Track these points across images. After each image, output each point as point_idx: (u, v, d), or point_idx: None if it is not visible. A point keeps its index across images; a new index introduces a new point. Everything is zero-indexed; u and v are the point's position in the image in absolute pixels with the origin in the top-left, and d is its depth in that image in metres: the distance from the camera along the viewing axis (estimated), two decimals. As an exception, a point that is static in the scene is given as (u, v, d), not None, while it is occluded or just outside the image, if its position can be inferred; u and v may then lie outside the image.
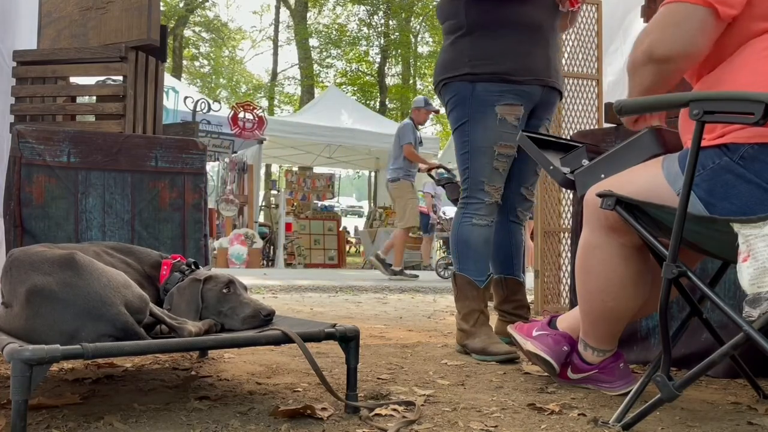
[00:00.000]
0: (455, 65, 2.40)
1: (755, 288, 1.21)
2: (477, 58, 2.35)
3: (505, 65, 2.34)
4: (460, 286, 2.46)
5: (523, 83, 2.36)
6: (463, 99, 2.39)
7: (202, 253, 2.31)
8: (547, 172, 1.84)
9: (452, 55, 2.42)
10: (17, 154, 2.11)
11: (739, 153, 1.36)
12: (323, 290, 5.81)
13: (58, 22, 2.57)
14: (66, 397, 1.54)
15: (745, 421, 1.50)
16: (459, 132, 2.44)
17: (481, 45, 2.36)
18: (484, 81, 2.35)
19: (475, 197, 2.42)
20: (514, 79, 2.34)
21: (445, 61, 2.45)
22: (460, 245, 2.44)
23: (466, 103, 2.39)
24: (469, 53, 2.36)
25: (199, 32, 25.19)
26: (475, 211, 2.41)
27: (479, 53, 2.35)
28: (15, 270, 1.41)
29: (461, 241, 2.43)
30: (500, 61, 2.33)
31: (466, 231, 2.42)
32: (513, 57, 2.34)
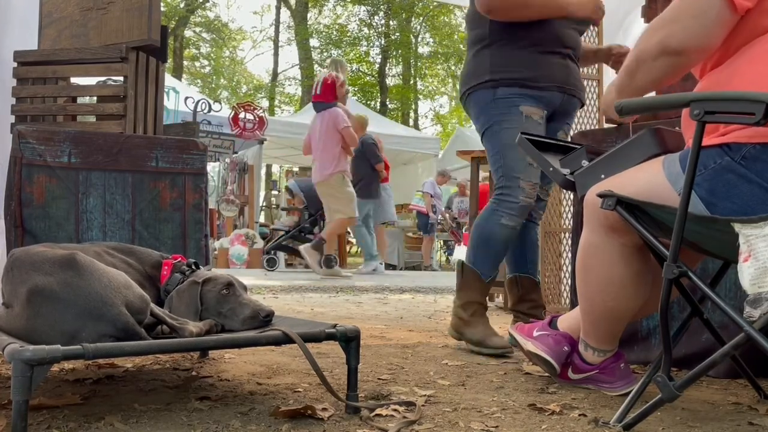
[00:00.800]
0: (477, 75, 2.47)
1: (756, 288, 1.21)
2: (497, 66, 2.42)
3: (524, 73, 2.41)
4: (465, 276, 2.49)
5: (542, 89, 2.42)
6: (487, 104, 2.44)
7: (203, 253, 2.31)
8: (547, 174, 1.84)
9: (474, 66, 2.50)
10: (18, 155, 2.11)
11: (741, 153, 1.35)
12: (324, 290, 5.81)
13: (59, 22, 2.58)
14: (67, 398, 1.54)
15: (746, 421, 1.49)
16: (487, 136, 2.48)
17: (502, 54, 2.43)
18: (504, 86, 2.41)
19: (510, 194, 2.41)
20: (533, 85, 2.41)
21: (468, 73, 2.53)
22: (482, 239, 2.45)
23: (490, 107, 2.44)
24: (490, 62, 2.44)
25: (200, 33, 25.21)
26: (508, 211, 2.42)
27: (499, 62, 2.42)
28: (16, 270, 1.41)
29: (484, 236, 2.45)
30: (519, 70, 2.41)
31: (493, 228, 2.42)
32: (532, 66, 2.41)
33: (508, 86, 2.40)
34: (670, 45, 1.41)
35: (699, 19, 1.37)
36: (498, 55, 2.43)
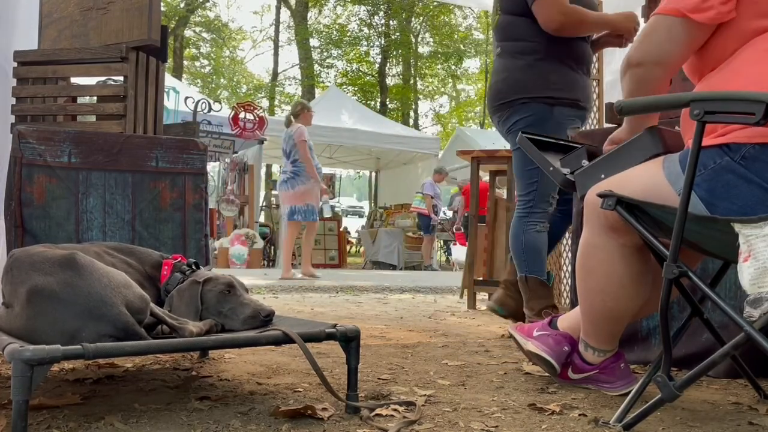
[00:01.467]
0: (535, 87, 2.59)
1: (756, 288, 1.21)
2: (558, 84, 2.57)
3: (577, 94, 2.60)
4: (532, 287, 2.69)
5: (585, 109, 2.64)
6: (541, 120, 2.58)
7: (203, 253, 2.31)
8: (547, 174, 1.84)
9: (530, 77, 2.60)
10: (18, 155, 2.11)
11: (741, 153, 1.36)
12: (324, 290, 5.81)
13: (59, 22, 2.57)
14: (67, 398, 1.54)
15: (746, 421, 1.49)
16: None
17: (561, 72, 2.58)
18: (562, 105, 2.58)
19: (540, 208, 2.66)
20: (582, 105, 2.61)
21: (522, 81, 2.62)
22: (531, 251, 2.68)
23: (544, 125, 2.57)
24: (551, 78, 2.57)
25: (200, 32, 25.22)
26: (539, 220, 2.66)
27: (559, 80, 2.57)
28: (16, 270, 1.41)
29: (532, 247, 2.68)
30: (575, 90, 2.58)
31: (535, 237, 2.67)
32: (581, 87, 2.60)
33: (565, 106, 2.58)
34: (631, 59, 1.53)
35: (652, 35, 1.49)
36: (557, 72, 2.57)
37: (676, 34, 1.46)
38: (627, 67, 1.54)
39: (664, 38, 1.47)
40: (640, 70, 1.51)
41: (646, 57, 1.50)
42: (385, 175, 14.91)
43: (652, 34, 1.49)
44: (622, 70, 1.56)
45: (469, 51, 24.52)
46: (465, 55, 24.38)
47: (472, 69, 26.51)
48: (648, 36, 1.49)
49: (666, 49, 1.48)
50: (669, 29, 1.46)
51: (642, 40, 1.51)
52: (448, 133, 23.21)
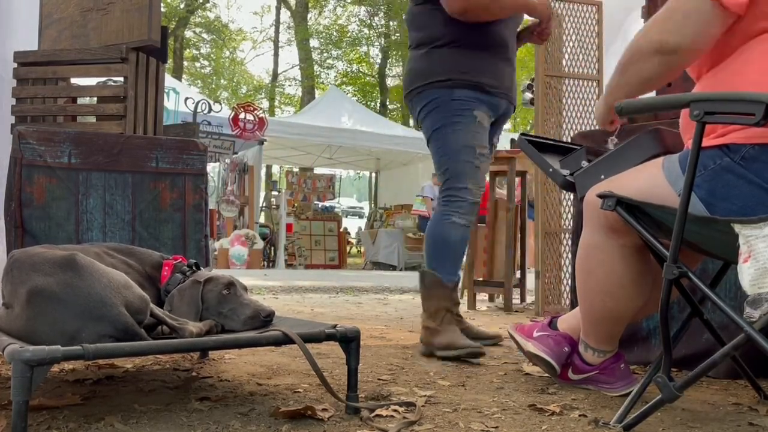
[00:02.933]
0: (432, 73, 2.42)
1: (756, 289, 1.21)
2: (456, 68, 2.40)
3: (482, 78, 2.41)
4: (428, 284, 2.46)
5: (494, 95, 2.44)
6: (442, 103, 2.40)
7: (203, 253, 2.31)
8: (547, 175, 1.84)
9: (427, 64, 2.44)
10: (18, 155, 2.11)
11: (740, 153, 1.36)
12: (324, 291, 5.81)
13: (59, 23, 2.58)
14: (67, 398, 1.54)
15: (746, 422, 1.49)
16: (437, 135, 2.44)
17: (459, 58, 2.41)
18: (462, 87, 2.39)
19: (457, 195, 2.40)
20: (489, 90, 2.42)
21: (420, 70, 2.47)
22: (437, 243, 2.42)
23: (444, 107, 2.40)
24: (449, 63, 2.41)
25: (200, 33, 25.21)
26: (457, 209, 2.39)
27: (458, 65, 2.40)
28: (16, 271, 1.41)
29: (438, 239, 2.41)
30: (477, 74, 2.40)
31: (447, 229, 2.39)
32: (488, 71, 2.42)
33: (466, 88, 2.39)
34: (668, 43, 1.43)
35: (691, 18, 1.39)
36: (457, 55, 2.40)
37: (715, 19, 1.38)
38: (654, 54, 1.44)
39: (699, 22, 1.39)
40: (674, 57, 1.43)
41: (683, 43, 1.41)
42: (385, 175, 14.91)
43: (689, 17, 1.39)
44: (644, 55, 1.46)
45: (469, 51, 24.49)
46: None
47: (472, 69, 26.49)
48: (686, 18, 1.40)
49: (706, 35, 1.40)
50: (705, 12, 1.38)
51: (676, 24, 1.41)
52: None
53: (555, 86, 4.03)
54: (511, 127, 23.50)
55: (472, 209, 2.41)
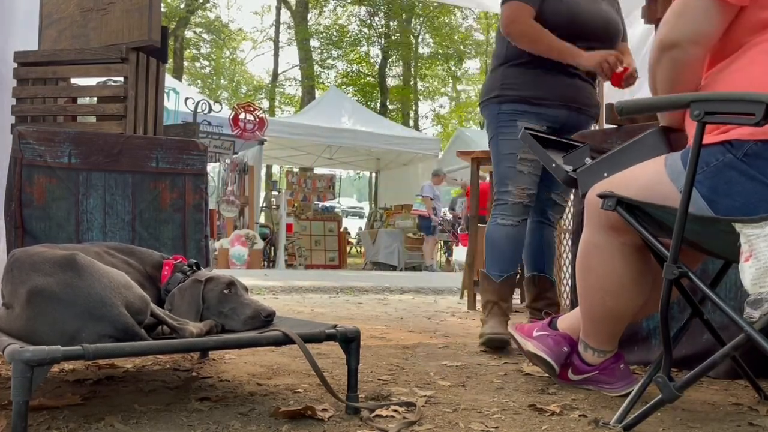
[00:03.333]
0: (490, 90, 2.66)
1: (757, 288, 1.21)
2: (506, 84, 2.60)
3: (528, 92, 2.57)
4: (481, 280, 2.68)
5: (544, 106, 2.57)
6: (493, 117, 2.63)
7: (203, 254, 2.31)
8: (549, 170, 1.84)
9: (489, 82, 2.70)
10: (18, 155, 2.11)
11: (743, 150, 1.35)
12: (324, 291, 5.81)
13: (59, 23, 2.57)
14: (67, 398, 1.54)
15: (746, 422, 1.49)
16: (490, 145, 2.69)
17: (511, 74, 2.61)
18: (509, 102, 2.59)
19: (501, 199, 2.61)
20: (535, 102, 2.57)
21: (483, 87, 2.75)
22: (487, 243, 2.66)
23: (495, 120, 2.62)
24: (501, 80, 2.63)
25: (200, 33, 25.21)
26: (501, 212, 2.60)
27: (509, 80, 2.61)
28: (16, 270, 1.41)
29: (487, 240, 2.65)
30: (524, 88, 2.57)
31: (492, 230, 2.61)
32: (536, 85, 2.57)
33: (512, 102, 2.57)
34: (666, 40, 1.47)
35: (686, 14, 1.44)
36: (509, 73, 2.61)
37: (707, 11, 1.42)
38: (661, 51, 1.48)
39: (695, 16, 1.43)
40: (677, 51, 1.46)
41: (682, 37, 1.44)
42: (385, 175, 14.91)
43: (684, 14, 1.44)
44: (655, 57, 1.50)
45: (470, 52, 24.52)
46: (465, 56, 24.38)
47: (473, 70, 26.52)
48: (681, 16, 1.45)
49: (700, 26, 1.43)
50: (699, 6, 1.42)
51: (674, 21, 1.46)
52: (449, 133, 23.20)
53: (555, 86, 4.02)
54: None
55: (516, 210, 2.58)
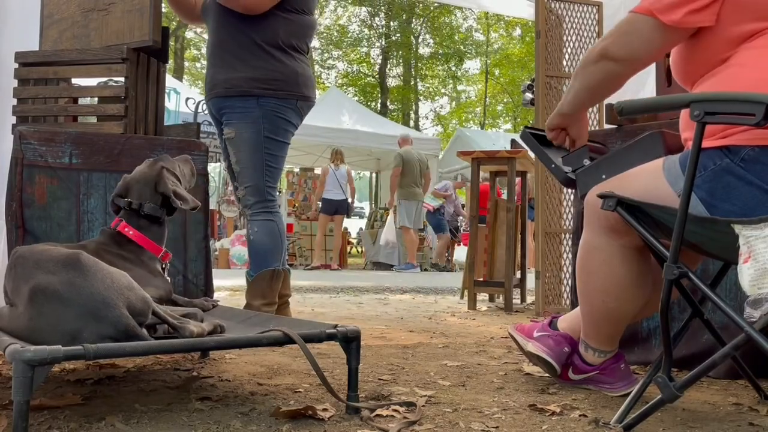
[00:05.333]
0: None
1: (756, 289, 1.21)
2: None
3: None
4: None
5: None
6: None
7: (203, 254, 2.31)
8: (549, 170, 1.84)
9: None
10: (19, 155, 2.11)
11: (740, 155, 1.36)
12: (324, 291, 5.81)
13: (60, 23, 2.58)
14: (67, 398, 1.54)
15: (747, 422, 1.50)
16: None
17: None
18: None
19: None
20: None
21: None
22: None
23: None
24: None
25: (201, 34, 25.20)
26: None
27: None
28: (19, 267, 1.42)
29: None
30: None
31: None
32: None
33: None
34: (609, 51, 1.54)
35: (635, 33, 1.50)
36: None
37: (650, 34, 1.48)
38: (600, 57, 1.55)
39: (640, 38, 1.50)
40: (614, 65, 1.54)
41: (621, 53, 1.52)
42: (386, 175, 14.90)
43: (630, 33, 1.51)
44: (593, 58, 1.56)
45: (470, 52, 24.53)
46: (465, 56, 24.39)
47: (473, 70, 26.53)
48: (625, 34, 1.52)
49: (640, 48, 1.51)
50: (644, 30, 1.48)
51: (619, 36, 1.53)
52: (449, 133, 23.20)
53: (555, 86, 4.03)
54: (512, 127, 23.52)
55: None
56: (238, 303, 3.94)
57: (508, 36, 25.24)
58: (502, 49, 25.04)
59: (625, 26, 1.52)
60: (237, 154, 2.54)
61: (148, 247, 1.76)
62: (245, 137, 2.52)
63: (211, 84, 2.60)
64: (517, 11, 5.41)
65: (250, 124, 2.52)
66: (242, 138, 2.52)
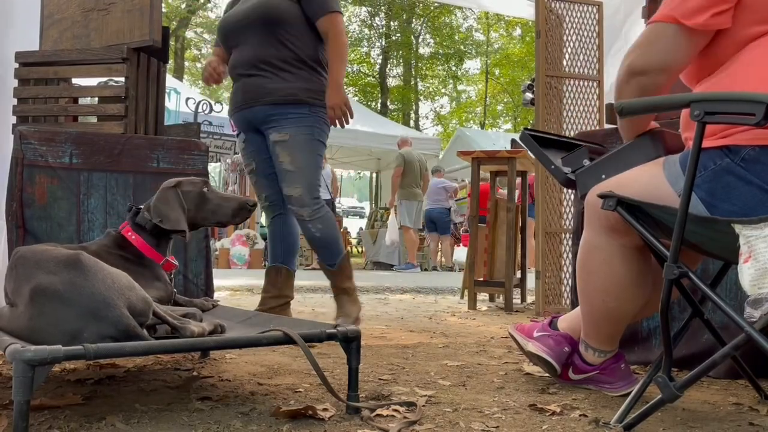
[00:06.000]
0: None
1: (756, 289, 1.21)
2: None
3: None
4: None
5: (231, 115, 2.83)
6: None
7: (204, 253, 2.31)
8: (548, 171, 1.84)
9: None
10: (19, 155, 2.11)
11: (741, 155, 1.36)
12: (325, 291, 5.80)
13: (61, 23, 2.58)
14: (68, 398, 1.54)
15: (747, 422, 1.50)
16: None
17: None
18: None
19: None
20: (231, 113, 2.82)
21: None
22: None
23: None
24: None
25: (201, 33, 25.21)
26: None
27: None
28: (21, 267, 1.42)
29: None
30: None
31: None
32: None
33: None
34: (635, 66, 1.52)
35: (655, 43, 1.49)
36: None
37: (676, 41, 1.46)
38: (630, 76, 1.53)
39: (665, 45, 1.48)
40: (644, 78, 1.51)
41: (651, 65, 1.50)
42: (386, 175, 14.90)
43: (654, 43, 1.49)
44: (623, 79, 1.54)
45: (470, 52, 24.52)
46: (465, 56, 24.39)
47: (473, 70, 26.53)
48: (650, 45, 1.50)
49: (669, 56, 1.48)
50: (669, 36, 1.46)
51: (644, 48, 1.51)
52: (449, 133, 23.19)
53: (555, 86, 4.03)
54: (512, 127, 23.52)
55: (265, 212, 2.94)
56: (238, 303, 3.94)
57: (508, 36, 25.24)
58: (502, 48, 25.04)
59: (647, 37, 1.50)
60: (291, 156, 2.65)
61: (149, 253, 1.76)
62: (300, 140, 2.66)
63: (259, 92, 2.69)
64: (518, 11, 5.41)
65: (305, 128, 2.68)
66: (297, 141, 2.66)
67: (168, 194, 1.72)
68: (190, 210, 1.69)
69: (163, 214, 1.69)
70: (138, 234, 1.75)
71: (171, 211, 1.70)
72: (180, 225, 1.74)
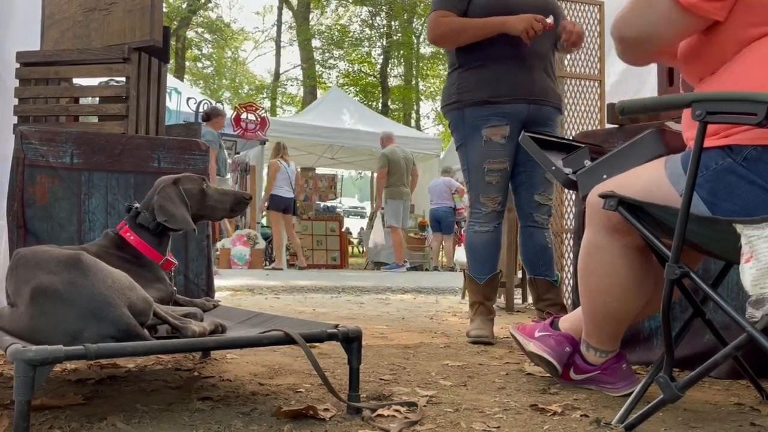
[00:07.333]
0: (447, 96, 2.79)
1: (758, 289, 1.20)
2: (464, 87, 2.71)
3: (486, 91, 2.65)
4: (466, 281, 2.95)
5: (504, 103, 2.65)
6: (458, 124, 2.76)
7: (205, 254, 2.31)
8: (549, 173, 1.84)
9: (446, 88, 2.86)
10: (20, 155, 2.11)
11: (743, 155, 1.36)
12: (325, 291, 5.81)
13: (61, 23, 2.58)
14: (69, 398, 1.54)
15: (748, 422, 1.49)
16: (459, 152, 2.85)
17: (466, 77, 2.71)
18: (471, 106, 2.68)
19: (475, 208, 2.76)
20: (495, 101, 2.64)
21: (443, 92, 2.86)
22: (467, 249, 2.86)
23: (460, 128, 2.76)
24: (458, 84, 2.73)
25: (202, 33, 25.22)
26: (476, 220, 2.76)
27: (467, 83, 2.71)
28: (21, 268, 1.42)
29: (467, 246, 2.85)
30: (482, 89, 2.66)
31: (470, 237, 2.80)
32: (493, 84, 2.66)
33: (474, 106, 2.67)
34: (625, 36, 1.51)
35: (650, 13, 1.46)
36: (463, 78, 2.71)
37: (667, 15, 1.44)
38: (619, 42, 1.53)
39: (656, 17, 1.46)
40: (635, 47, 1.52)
41: (639, 35, 1.49)
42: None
43: (646, 11, 1.47)
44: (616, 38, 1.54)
45: (471, 52, 24.48)
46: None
47: (474, 70, 26.47)
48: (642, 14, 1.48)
49: (658, 29, 1.47)
50: (662, 8, 1.44)
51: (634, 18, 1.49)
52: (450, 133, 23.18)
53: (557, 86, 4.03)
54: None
55: (490, 217, 2.74)
56: (239, 303, 3.94)
57: (509, 36, 25.18)
58: (503, 48, 24.97)
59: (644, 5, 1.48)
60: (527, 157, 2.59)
61: (147, 253, 1.75)
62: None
63: (547, 92, 2.71)
64: (519, 11, 5.39)
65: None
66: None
67: (170, 192, 1.72)
68: (192, 207, 1.70)
69: (169, 214, 1.70)
70: (137, 234, 1.75)
71: (177, 210, 1.71)
72: (187, 224, 1.76)
